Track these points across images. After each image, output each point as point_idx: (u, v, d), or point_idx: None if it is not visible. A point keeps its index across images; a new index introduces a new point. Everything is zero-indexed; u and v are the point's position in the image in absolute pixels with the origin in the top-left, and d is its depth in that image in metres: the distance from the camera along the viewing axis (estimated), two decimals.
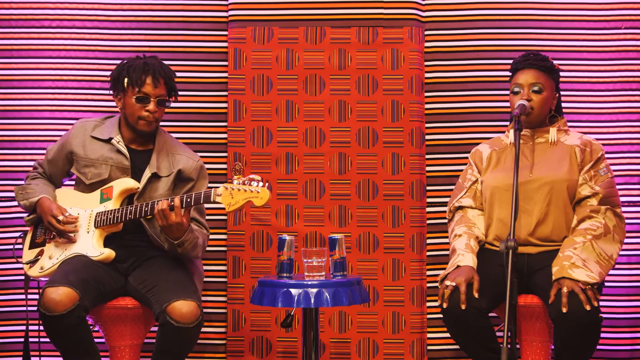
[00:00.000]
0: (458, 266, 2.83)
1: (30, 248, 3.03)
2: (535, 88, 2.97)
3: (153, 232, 2.94)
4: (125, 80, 2.96)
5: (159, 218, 2.80)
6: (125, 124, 3.03)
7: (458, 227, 2.99)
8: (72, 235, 2.93)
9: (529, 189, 2.92)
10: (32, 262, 2.98)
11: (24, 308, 3.04)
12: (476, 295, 2.71)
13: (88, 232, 2.93)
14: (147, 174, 2.97)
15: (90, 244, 2.91)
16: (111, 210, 2.91)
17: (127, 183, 2.96)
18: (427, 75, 3.59)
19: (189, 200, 2.79)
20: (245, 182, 2.73)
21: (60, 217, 2.91)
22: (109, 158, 2.99)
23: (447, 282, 2.75)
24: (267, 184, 2.72)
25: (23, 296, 3.05)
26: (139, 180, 2.97)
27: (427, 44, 3.60)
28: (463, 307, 2.68)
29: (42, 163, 3.14)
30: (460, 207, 3.06)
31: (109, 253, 2.89)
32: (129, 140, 3.03)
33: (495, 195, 2.97)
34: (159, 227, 2.88)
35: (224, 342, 3.53)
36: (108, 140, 3.01)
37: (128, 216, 2.87)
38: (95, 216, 2.94)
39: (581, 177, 2.92)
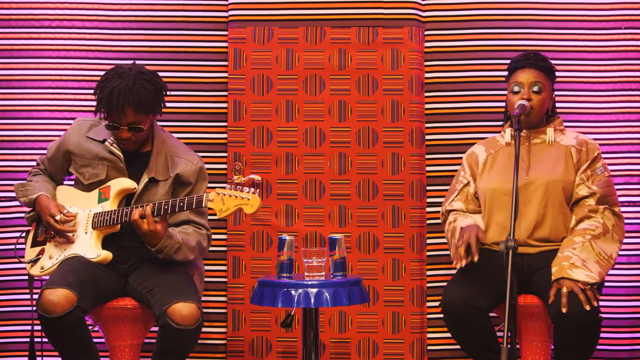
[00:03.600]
0: (461, 228, 2.87)
1: (32, 246, 3.03)
2: (536, 88, 2.97)
3: None
4: (99, 102, 2.92)
5: (134, 227, 2.81)
6: None
7: (459, 220, 3.01)
8: (70, 235, 2.93)
9: (527, 191, 2.92)
10: (34, 261, 2.98)
11: (26, 308, 3.05)
12: (484, 237, 2.78)
13: (86, 232, 2.93)
14: (144, 178, 2.96)
15: (88, 246, 2.90)
16: (108, 212, 2.90)
17: (124, 183, 2.95)
18: (427, 75, 3.59)
19: (181, 204, 2.79)
20: (238, 188, 2.73)
21: (58, 217, 2.91)
22: (105, 158, 2.98)
23: (459, 243, 2.79)
24: (257, 191, 2.71)
25: (24, 296, 3.05)
26: (136, 183, 2.96)
27: (427, 44, 3.60)
28: (476, 258, 2.72)
29: (44, 160, 3.14)
30: (452, 211, 3.07)
31: (106, 255, 2.89)
32: None
33: (494, 199, 2.97)
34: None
35: (224, 342, 3.53)
36: (102, 142, 3.00)
37: (123, 218, 2.87)
38: (93, 217, 2.93)
39: (578, 177, 2.92)
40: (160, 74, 3.05)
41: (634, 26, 3.57)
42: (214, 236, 3.47)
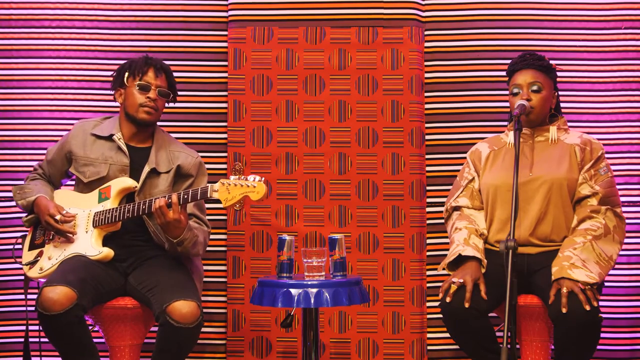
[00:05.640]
0: (460, 255, 2.83)
1: (29, 249, 3.04)
2: (535, 87, 2.97)
3: (155, 229, 2.94)
4: (126, 74, 3.02)
5: (157, 216, 2.80)
6: (126, 119, 3.04)
7: (459, 221, 3.00)
8: (70, 234, 2.93)
9: (530, 188, 2.92)
10: (32, 264, 2.98)
11: (24, 308, 3.04)
12: (485, 297, 2.72)
13: (87, 231, 2.93)
14: (146, 170, 2.98)
15: (89, 244, 2.91)
16: (109, 210, 2.91)
17: (124, 182, 2.96)
18: (427, 75, 3.59)
19: (186, 196, 2.80)
20: (242, 178, 2.74)
21: (58, 217, 2.91)
22: (109, 157, 3.01)
23: (455, 280, 2.75)
24: (263, 179, 2.72)
25: (23, 296, 3.05)
26: (138, 177, 2.98)
27: (427, 44, 3.60)
28: (467, 305, 2.68)
29: (42, 164, 3.16)
30: (457, 208, 3.06)
31: (108, 252, 2.89)
32: (129, 138, 3.05)
33: (497, 195, 2.96)
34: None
35: (224, 342, 3.53)
36: (109, 138, 3.02)
37: (126, 215, 2.87)
38: (94, 216, 2.94)
39: (581, 176, 2.92)
40: None
41: (634, 26, 3.57)
42: (214, 236, 3.48)
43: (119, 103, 3.08)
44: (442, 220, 3.19)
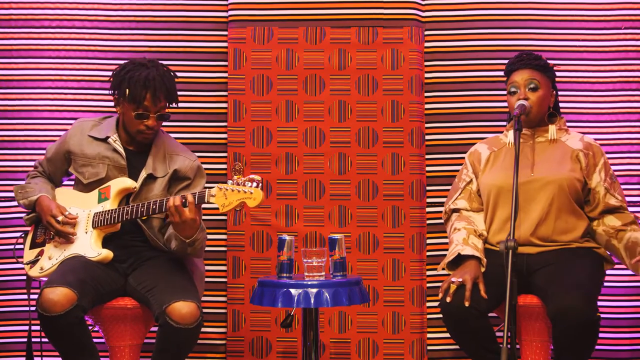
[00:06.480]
0: (459, 254, 2.84)
1: (30, 248, 3.03)
2: (532, 85, 2.97)
3: (151, 233, 2.94)
4: (127, 91, 2.92)
5: (172, 214, 2.76)
6: (123, 127, 3.02)
7: (458, 222, 3.00)
8: (70, 235, 2.93)
9: (531, 188, 2.92)
10: (33, 263, 2.98)
11: (26, 308, 3.05)
12: (485, 296, 2.72)
13: (86, 232, 2.93)
14: (142, 174, 2.97)
15: (88, 245, 2.90)
16: (108, 211, 2.90)
17: (124, 182, 2.95)
18: (427, 75, 3.59)
19: (184, 201, 2.78)
20: (240, 183, 2.73)
21: (60, 218, 2.91)
22: (106, 157, 2.99)
23: (454, 279, 2.75)
24: (260, 185, 2.71)
25: (24, 296, 3.05)
26: (135, 181, 2.96)
27: (427, 44, 3.60)
28: (467, 304, 2.68)
29: (42, 162, 3.15)
30: (456, 210, 3.07)
31: (107, 254, 2.89)
32: (126, 141, 3.02)
33: (500, 195, 2.96)
34: (157, 227, 2.87)
35: (224, 342, 3.53)
36: (105, 140, 3.01)
37: (125, 217, 2.87)
38: (93, 216, 2.93)
39: (602, 186, 2.92)
40: None
41: (634, 26, 3.57)
42: (214, 236, 3.49)
43: (118, 113, 3.01)
44: (442, 220, 3.20)
